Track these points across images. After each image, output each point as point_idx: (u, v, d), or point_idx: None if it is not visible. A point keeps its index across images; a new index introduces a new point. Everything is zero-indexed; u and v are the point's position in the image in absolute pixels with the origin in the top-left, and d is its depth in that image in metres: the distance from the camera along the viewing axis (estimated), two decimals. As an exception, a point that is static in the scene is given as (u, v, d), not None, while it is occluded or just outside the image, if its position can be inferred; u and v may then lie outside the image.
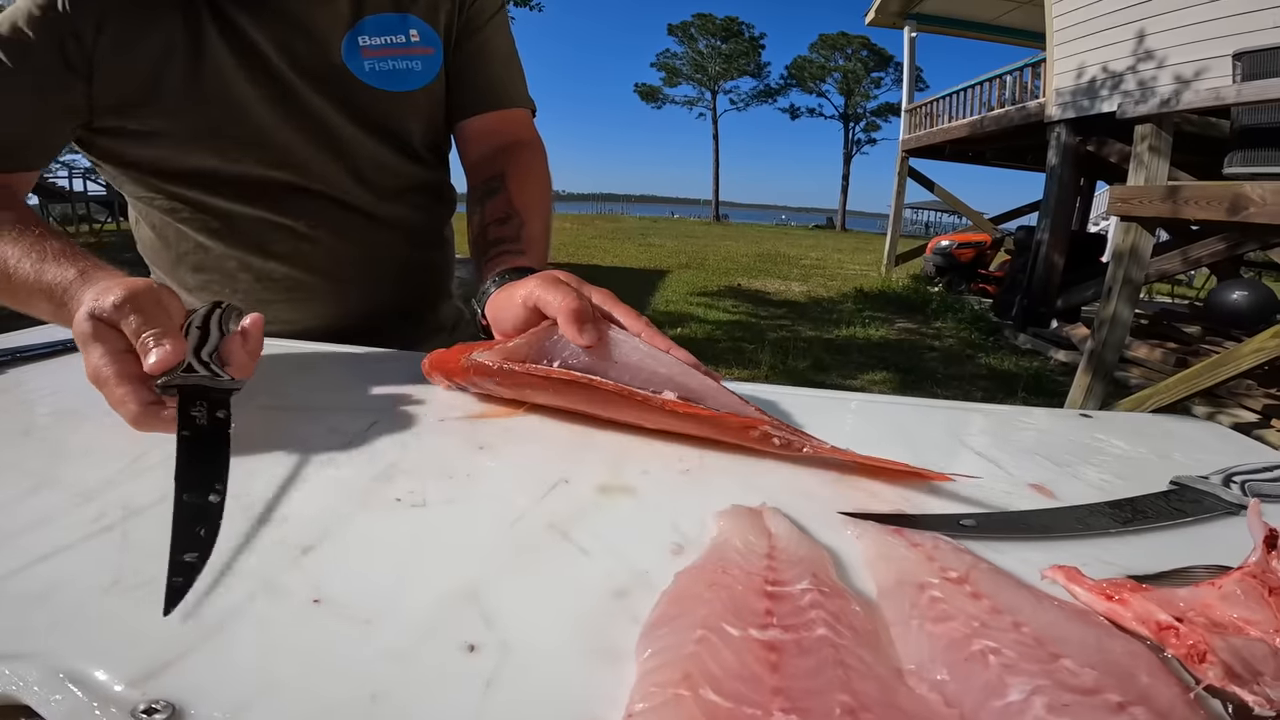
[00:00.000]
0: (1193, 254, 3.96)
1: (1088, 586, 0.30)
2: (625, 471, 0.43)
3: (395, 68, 0.74)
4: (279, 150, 0.71)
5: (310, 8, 0.68)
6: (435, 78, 0.77)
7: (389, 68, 0.73)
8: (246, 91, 0.67)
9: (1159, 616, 0.27)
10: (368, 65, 0.72)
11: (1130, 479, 0.48)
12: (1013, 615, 0.28)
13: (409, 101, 0.76)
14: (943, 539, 0.35)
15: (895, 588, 0.31)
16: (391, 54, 0.73)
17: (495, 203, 0.75)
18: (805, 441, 0.44)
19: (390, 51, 0.73)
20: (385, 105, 0.75)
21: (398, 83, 0.74)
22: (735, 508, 0.37)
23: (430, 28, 0.75)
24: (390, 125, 0.76)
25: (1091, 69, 5.61)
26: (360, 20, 0.71)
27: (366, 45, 0.72)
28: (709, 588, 0.29)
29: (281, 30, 0.67)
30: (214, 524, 0.34)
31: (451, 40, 0.78)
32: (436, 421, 0.49)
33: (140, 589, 0.29)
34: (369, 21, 0.72)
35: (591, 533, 0.36)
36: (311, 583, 0.31)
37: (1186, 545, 0.39)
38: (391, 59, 0.73)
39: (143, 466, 0.41)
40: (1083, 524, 0.39)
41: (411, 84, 0.75)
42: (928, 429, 0.57)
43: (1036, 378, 4.66)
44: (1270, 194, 2.24)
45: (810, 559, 0.32)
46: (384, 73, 0.73)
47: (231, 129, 0.68)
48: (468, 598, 0.30)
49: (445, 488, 0.39)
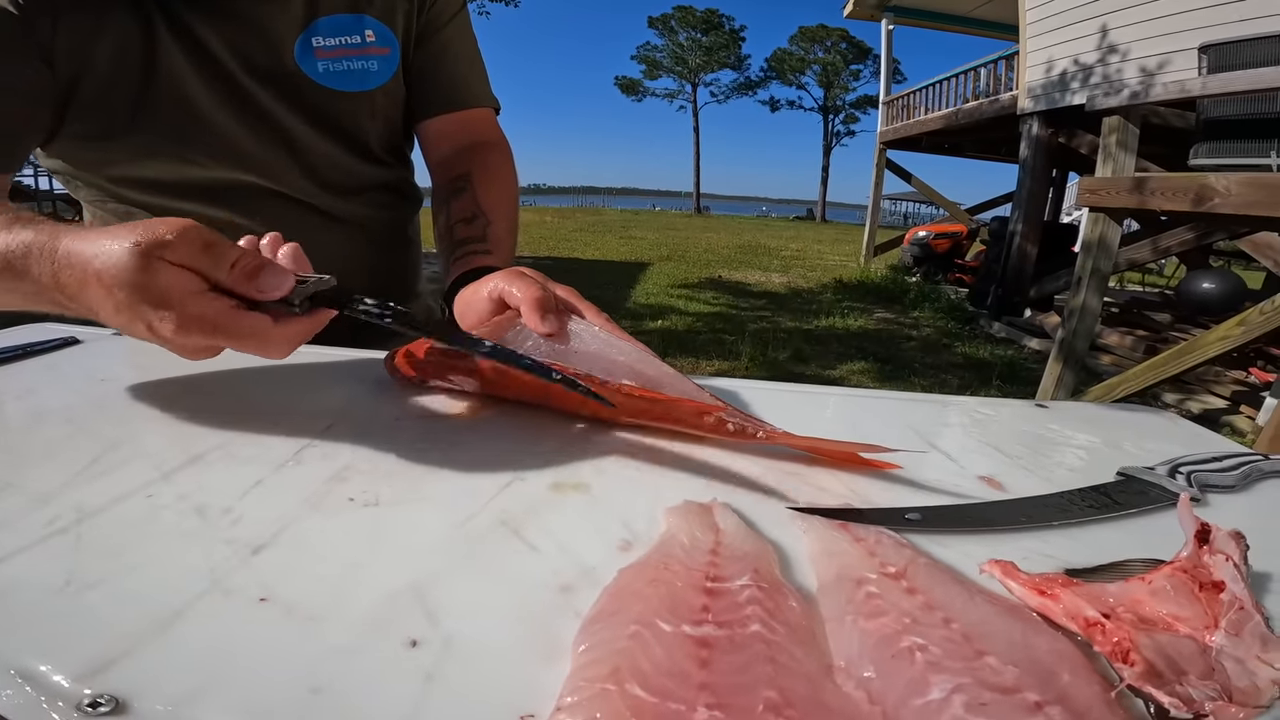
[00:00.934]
0: (1162, 243, 4.04)
1: (1021, 581, 0.31)
2: (579, 468, 0.43)
3: (350, 68, 0.73)
4: (234, 152, 0.70)
5: (262, 9, 0.67)
6: (392, 77, 0.77)
7: (343, 68, 0.73)
8: (200, 94, 0.66)
9: (1087, 612, 0.28)
10: (321, 66, 0.71)
11: (1079, 470, 0.50)
12: (944, 611, 0.29)
13: (366, 102, 0.76)
14: (886, 533, 0.36)
15: (834, 583, 0.31)
16: (346, 54, 0.72)
17: (461, 202, 0.75)
18: (759, 427, 0.45)
19: (345, 52, 0.72)
20: (340, 105, 0.74)
21: (353, 83, 0.74)
22: (686, 504, 0.38)
23: (387, 28, 0.75)
24: (346, 125, 0.76)
25: (1062, 62, 5.68)
26: (314, 21, 0.71)
27: (320, 46, 0.71)
28: (649, 584, 0.29)
29: (234, 32, 0.67)
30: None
31: (411, 40, 0.78)
32: (394, 421, 0.49)
33: (90, 589, 0.30)
34: (323, 22, 0.71)
35: (542, 529, 0.36)
36: (260, 582, 0.31)
37: (1128, 537, 0.40)
38: (346, 59, 0.73)
39: (99, 470, 0.41)
40: (1026, 516, 0.40)
41: (367, 84, 0.75)
42: (883, 421, 0.58)
43: (1011, 366, 4.73)
44: (1235, 185, 2.29)
45: (754, 554, 0.33)
46: (338, 73, 0.73)
47: (185, 131, 0.67)
48: (414, 595, 0.31)
49: (399, 487, 0.40)
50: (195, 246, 0.40)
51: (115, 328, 0.43)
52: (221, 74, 0.67)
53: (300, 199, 0.75)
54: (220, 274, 0.41)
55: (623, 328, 0.55)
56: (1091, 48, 5.37)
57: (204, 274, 0.41)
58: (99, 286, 0.40)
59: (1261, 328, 2.13)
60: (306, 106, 0.72)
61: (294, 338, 0.43)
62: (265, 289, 0.42)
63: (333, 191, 0.77)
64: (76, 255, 0.41)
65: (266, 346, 0.43)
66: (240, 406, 0.52)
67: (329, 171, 0.76)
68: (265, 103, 0.70)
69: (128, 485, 0.39)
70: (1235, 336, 2.20)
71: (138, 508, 0.37)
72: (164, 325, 0.40)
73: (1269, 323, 2.12)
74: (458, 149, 0.82)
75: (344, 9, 0.72)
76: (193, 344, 0.41)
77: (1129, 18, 5.02)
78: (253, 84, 0.69)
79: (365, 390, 0.56)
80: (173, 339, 0.40)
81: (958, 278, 8.28)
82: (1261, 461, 0.52)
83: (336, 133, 0.75)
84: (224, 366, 0.60)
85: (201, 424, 0.47)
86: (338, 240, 0.79)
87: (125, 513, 0.36)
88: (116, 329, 0.43)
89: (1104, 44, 5.24)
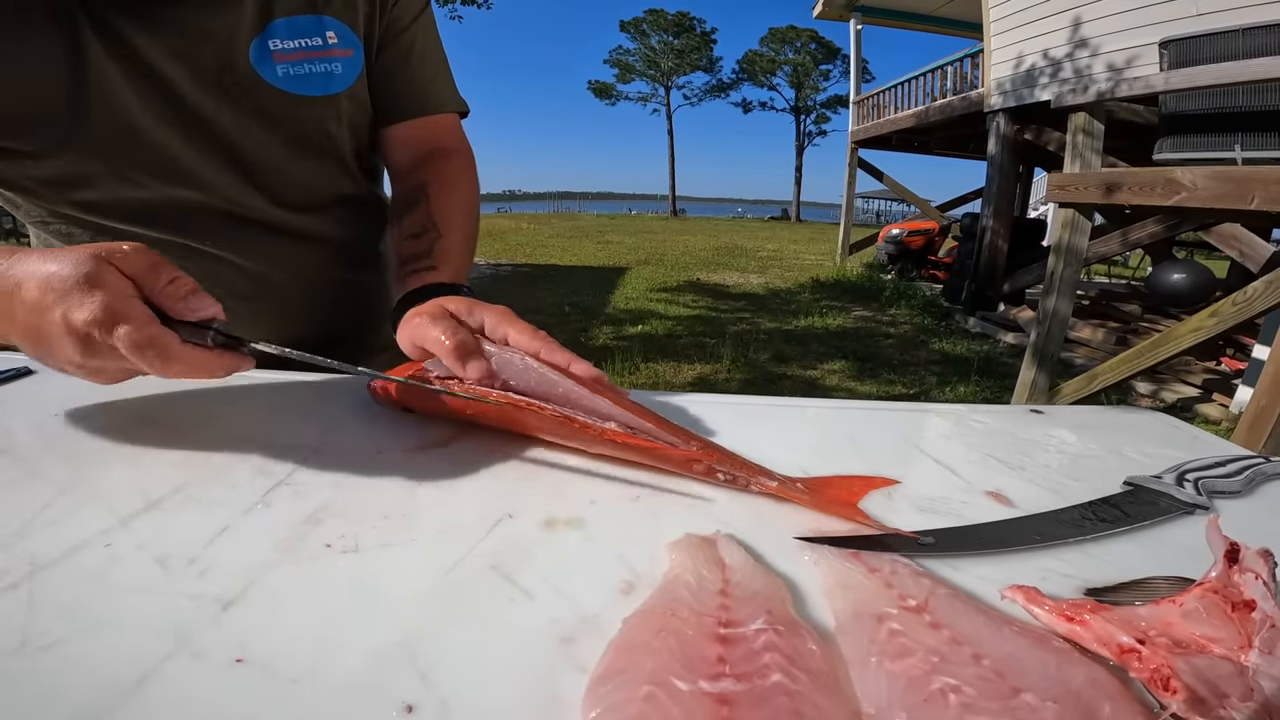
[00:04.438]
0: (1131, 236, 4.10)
1: (1048, 608, 0.30)
2: (572, 502, 0.40)
3: (312, 71, 0.69)
4: (175, 169, 0.66)
5: (208, 14, 0.63)
6: (356, 80, 0.73)
7: (304, 71, 0.68)
8: (137, 108, 0.62)
9: (1120, 639, 0.27)
10: (280, 70, 0.67)
11: (1084, 479, 0.49)
12: (972, 647, 0.27)
13: (330, 106, 0.71)
14: (901, 561, 0.34)
15: (853, 620, 0.30)
16: (307, 57, 0.68)
17: (413, 216, 0.72)
18: (750, 479, 0.43)
19: (305, 55, 0.68)
20: (303, 110, 0.70)
21: (315, 87, 0.69)
22: (687, 537, 0.36)
23: (348, 28, 0.71)
24: (311, 132, 0.72)
25: (1028, 59, 5.77)
26: (270, 23, 0.66)
27: (278, 49, 0.66)
28: (658, 635, 0.27)
29: (178, 41, 0.62)
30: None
31: (373, 42, 0.74)
32: (374, 454, 0.46)
33: (45, 652, 0.28)
34: (279, 24, 0.66)
35: (536, 574, 0.33)
36: (233, 641, 0.29)
37: (1144, 551, 0.39)
38: (307, 62, 0.68)
39: (52, 517, 0.38)
40: (1040, 535, 0.38)
41: (330, 88, 0.71)
42: (880, 434, 0.56)
43: (987, 360, 4.78)
44: (1200, 179, 2.32)
45: (766, 593, 0.31)
46: (299, 77, 0.68)
47: (122, 148, 0.63)
48: (404, 652, 0.28)
49: (380, 530, 0.37)
50: (143, 261, 0.43)
51: (21, 336, 0.43)
52: (161, 86, 0.63)
53: (252, 218, 0.71)
54: (156, 287, 0.43)
55: (605, 334, 0.53)
56: (1055, 44, 5.46)
57: (140, 284, 0.43)
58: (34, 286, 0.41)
59: (1234, 319, 2.16)
60: (265, 113, 0.68)
61: (194, 362, 0.44)
62: (194, 308, 0.44)
63: (288, 207, 0.73)
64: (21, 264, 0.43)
65: (168, 360, 0.42)
66: (204, 440, 0.48)
67: (285, 187, 0.72)
68: (211, 114, 0.66)
69: (83, 533, 0.36)
70: (1208, 328, 2.23)
71: (94, 559, 0.34)
72: (81, 311, 0.40)
73: (1241, 314, 2.15)
74: (417, 156, 0.79)
75: (302, 9, 0.68)
76: (98, 339, 0.41)
77: (1090, 13, 5.11)
78: (198, 94, 0.64)
79: (343, 418, 0.53)
80: (83, 328, 0.40)
81: (932, 274, 8.37)
82: (1264, 465, 0.52)
83: (300, 140, 0.71)
84: (187, 391, 0.57)
85: (162, 462, 0.44)
86: (300, 258, 0.75)
87: (81, 565, 0.34)
88: (21, 340, 0.43)
89: (1067, 40, 5.33)
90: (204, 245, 0.70)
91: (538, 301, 6.60)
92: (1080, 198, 2.90)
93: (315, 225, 0.76)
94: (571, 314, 5.92)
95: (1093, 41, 5.13)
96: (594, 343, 4.84)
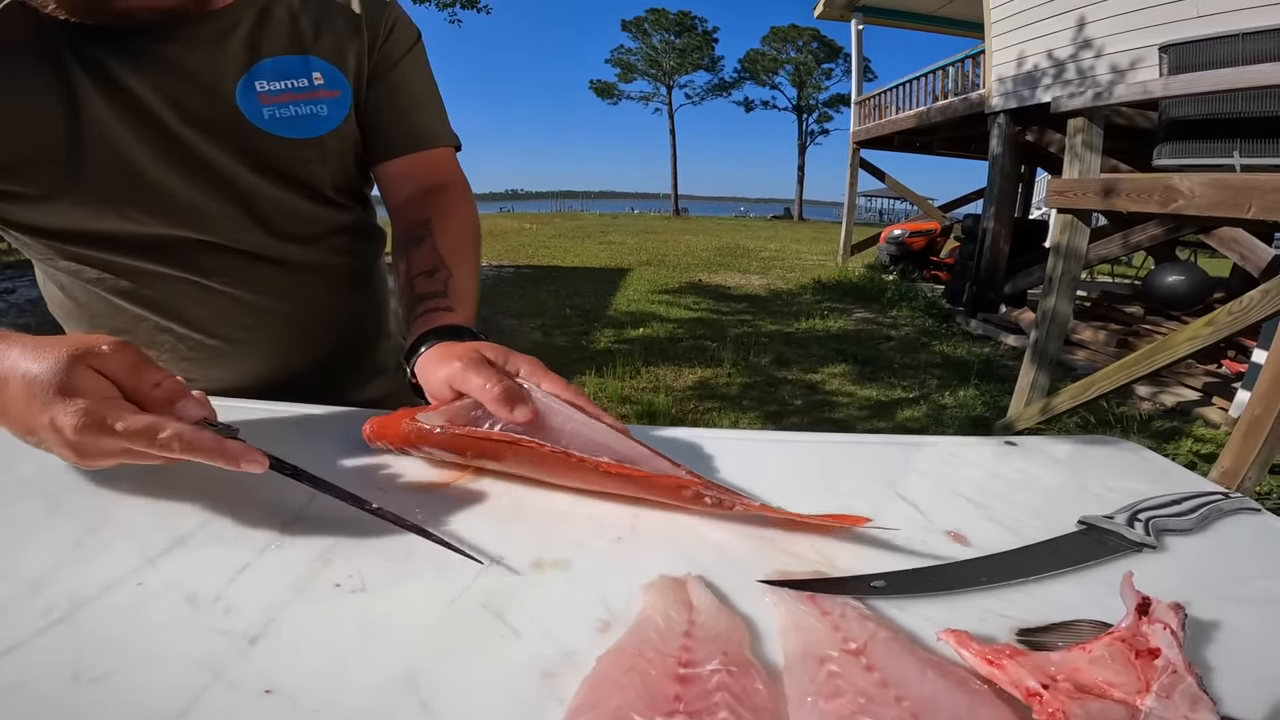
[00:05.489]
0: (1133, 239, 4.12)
1: (974, 651, 0.33)
2: (558, 543, 0.44)
3: (298, 113, 0.69)
4: (177, 206, 0.67)
5: (195, 54, 0.64)
6: (343, 121, 0.73)
7: (290, 114, 0.69)
8: (132, 147, 0.63)
9: (1028, 683, 0.30)
10: (266, 112, 0.68)
11: (1044, 516, 0.52)
12: (897, 689, 0.31)
13: (316, 148, 0.72)
14: (851, 604, 0.37)
15: (799, 661, 0.33)
16: (293, 99, 0.69)
17: (420, 253, 0.73)
18: (735, 500, 0.47)
19: (291, 97, 0.69)
20: (289, 152, 0.70)
21: (301, 129, 0.70)
22: (661, 579, 0.40)
23: (336, 69, 0.71)
24: (296, 172, 0.72)
25: (1030, 59, 5.78)
26: (256, 64, 0.67)
27: (264, 91, 0.67)
28: (625, 673, 0.31)
29: (165, 79, 0.63)
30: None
31: (363, 80, 0.75)
32: (378, 494, 0.50)
33: (97, 684, 0.31)
34: (266, 65, 0.67)
35: (524, 612, 0.37)
36: (261, 673, 0.33)
37: (1084, 591, 0.42)
38: (293, 104, 0.69)
39: (84, 554, 0.41)
40: (986, 577, 0.42)
41: (316, 130, 0.71)
42: (853, 470, 0.59)
43: (988, 363, 4.80)
44: (1199, 186, 2.34)
45: (725, 634, 0.35)
46: (285, 119, 0.69)
47: (122, 187, 0.64)
48: (407, 684, 0.32)
49: (384, 569, 0.41)
50: (125, 363, 0.44)
51: (16, 430, 0.44)
52: (153, 124, 0.63)
53: (253, 251, 0.73)
54: (140, 390, 0.44)
55: (606, 337, 0.56)
56: (1056, 45, 5.46)
57: (122, 387, 0.44)
58: (18, 386, 0.42)
59: (1230, 328, 2.18)
60: (252, 154, 0.68)
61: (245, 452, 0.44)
62: (182, 414, 0.44)
63: (287, 239, 0.75)
64: (4, 358, 0.43)
65: (194, 445, 0.43)
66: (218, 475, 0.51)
67: (283, 220, 0.73)
68: (207, 152, 0.66)
69: (115, 571, 0.40)
70: (1204, 336, 2.25)
71: (128, 596, 0.38)
72: (67, 417, 0.40)
73: (1236, 323, 2.17)
74: (416, 192, 0.80)
75: (288, 50, 0.69)
76: (89, 441, 0.41)
77: (1092, 14, 5.11)
78: (191, 133, 0.65)
79: (343, 458, 0.56)
80: (72, 436, 0.41)
81: (933, 275, 8.37)
82: (1221, 501, 0.55)
83: (287, 180, 0.72)
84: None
85: (180, 499, 0.48)
86: (297, 288, 0.77)
87: (117, 602, 0.37)
88: (16, 434, 0.44)
89: (1069, 42, 5.33)
90: (208, 281, 0.72)
91: (539, 304, 6.65)
92: (1079, 204, 2.92)
93: (310, 256, 0.77)
94: (573, 316, 5.97)
95: (1094, 43, 5.14)
96: (595, 346, 4.89)
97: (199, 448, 0.42)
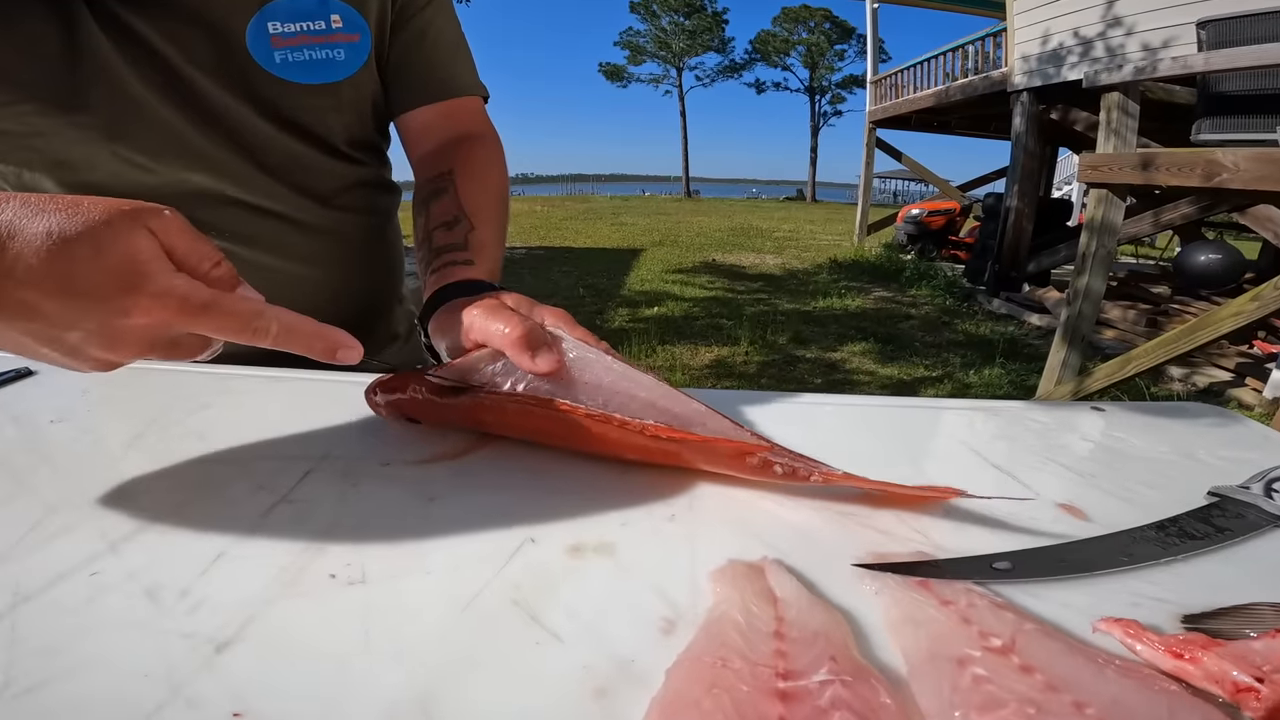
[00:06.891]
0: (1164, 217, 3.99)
1: (1151, 643, 0.26)
2: (601, 523, 0.37)
3: (313, 58, 0.64)
4: (185, 148, 0.62)
5: None
6: (361, 68, 0.68)
7: (304, 58, 0.64)
8: (139, 87, 0.58)
9: (1237, 677, 0.23)
10: (279, 56, 0.63)
11: (1161, 488, 0.44)
12: (1072, 693, 0.23)
13: (330, 95, 0.67)
14: (976, 591, 0.30)
15: (929, 664, 0.26)
16: (308, 42, 0.63)
17: (442, 204, 0.67)
18: (812, 469, 0.39)
19: (306, 39, 0.63)
20: (302, 100, 0.65)
21: (316, 74, 0.65)
22: (732, 565, 0.32)
23: (355, 12, 0.66)
24: (309, 122, 0.67)
25: (1055, 37, 5.62)
26: (270, 2, 0.62)
27: (277, 33, 0.62)
28: (708, 693, 0.23)
29: (172, 21, 0.58)
30: None
31: (386, 25, 0.69)
32: (380, 467, 0.42)
33: (28, 695, 0.25)
34: (280, 6, 0.62)
35: (564, 609, 0.30)
36: (229, 688, 0.25)
37: (1239, 571, 0.35)
38: (307, 48, 0.64)
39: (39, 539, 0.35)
40: (1127, 555, 0.34)
41: (333, 75, 0.66)
42: (932, 436, 0.52)
43: (1012, 343, 4.69)
44: (1243, 160, 2.24)
45: (826, 632, 0.27)
46: (298, 64, 0.64)
47: (127, 127, 0.59)
48: (419, 706, 0.25)
49: (389, 557, 0.33)
50: (187, 234, 0.36)
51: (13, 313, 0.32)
52: (160, 65, 0.59)
53: (265, 206, 0.68)
54: (202, 271, 0.37)
55: (620, 316, 0.48)
56: (1084, 23, 5.29)
57: (181, 266, 0.36)
58: (40, 237, 0.31)
59: (1276, 302, 2.08)
60: (262, 101, 0.64)
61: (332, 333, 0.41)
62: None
63: (301, 194, 0.69)
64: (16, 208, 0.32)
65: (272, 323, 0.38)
66: (203, 447, 0.45)
67: (294, 172, 0.68)
68: (217, 97, 0.62)
69: (70, 559, 0.33)
70: (1249, 312, 2.15)
71: (80, 589, 0.31)
72: (131, 300, 0.32)
73: (1283, 298, 2.07)
74: (441, 144, 0.74)
75: None
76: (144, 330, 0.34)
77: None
78: (201, 77, 0.60)
79: (345, 428, 0.49)
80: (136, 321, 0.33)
81: (953, 254, 8.24)
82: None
83: (300, 130, 0.67)
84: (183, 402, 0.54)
85: (158, 476, 0.41)
86: (306, 248, 0.72)
87: (65, 596, 0.30)
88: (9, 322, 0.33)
89: (1099, 19, 5.16)
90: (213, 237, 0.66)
91: (552, 284, 6.57)
92: (1114, 178, 2.80)
93: (324, 214, 0.72)
94: (586, 296, 5.88)
95: (1125, 20, 4.97)
96: (610, 325, 4.80)
97: (300, 331, 0.38)
